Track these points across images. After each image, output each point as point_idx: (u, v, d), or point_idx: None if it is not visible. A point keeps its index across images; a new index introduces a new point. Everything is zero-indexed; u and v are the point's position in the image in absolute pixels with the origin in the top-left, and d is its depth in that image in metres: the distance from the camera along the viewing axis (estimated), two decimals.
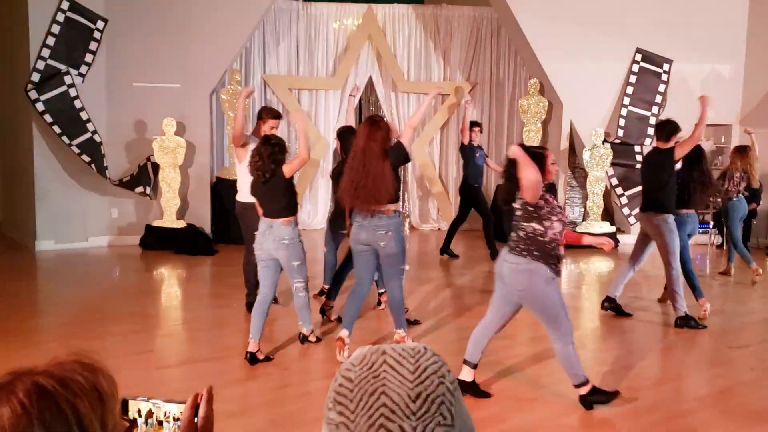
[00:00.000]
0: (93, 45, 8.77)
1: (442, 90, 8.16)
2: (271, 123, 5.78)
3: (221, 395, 1.33)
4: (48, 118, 8.39)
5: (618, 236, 9.71)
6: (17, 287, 7.12)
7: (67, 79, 8.52)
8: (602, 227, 9.76)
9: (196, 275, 8.02)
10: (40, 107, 8.36)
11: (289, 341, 5.41)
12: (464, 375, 4.34)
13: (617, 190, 9.91)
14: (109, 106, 9.00)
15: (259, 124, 5.89)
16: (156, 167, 9.09)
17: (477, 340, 4.36)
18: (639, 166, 6.52)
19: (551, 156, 4.17)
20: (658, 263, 6.25)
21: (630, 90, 9.97)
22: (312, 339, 5.37)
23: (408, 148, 4.97)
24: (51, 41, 8.46)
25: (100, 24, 8.77)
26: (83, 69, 8.75)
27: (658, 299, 6.85)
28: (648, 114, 9.96)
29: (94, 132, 8.67)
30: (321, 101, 10.70)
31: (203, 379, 4.59)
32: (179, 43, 9.10)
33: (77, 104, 8.57)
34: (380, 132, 4.80)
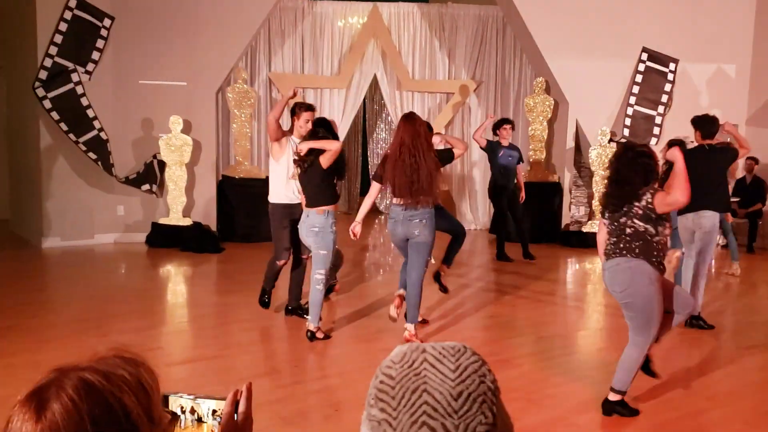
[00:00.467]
0: (100, 43, 8.78)
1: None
2: (306, 116, 5.64)
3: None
4: (55, 116, 8.41)
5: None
6: (24, 284, 7.13)
7: (74, 77, 8.53)
8: None
9: (202, 273, 8.03)
10: (47, 105, 8.38)
11: (300, 338, 5.41)
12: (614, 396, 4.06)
13: None
14: (116, 104, 9.01)
15: (294, 120, 5.76)
16: (162, 165, 9.10)
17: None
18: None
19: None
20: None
21: (636, 89, 9.96)
22: (320, 336, 5.38)
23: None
24: (59, 39, 8.48)
25: (107, 22, 8.79)
26: (90, 67, 8.77)
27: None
28: (654, 113, 9.96)
29: (101, 129, 8.69)
30: (326, 99, 10.71)
31: (211, 377, 4.60)
32: (186, 42, 9.11)
33: (84, 102, 8.59)
34: (423, 127, 4.99)
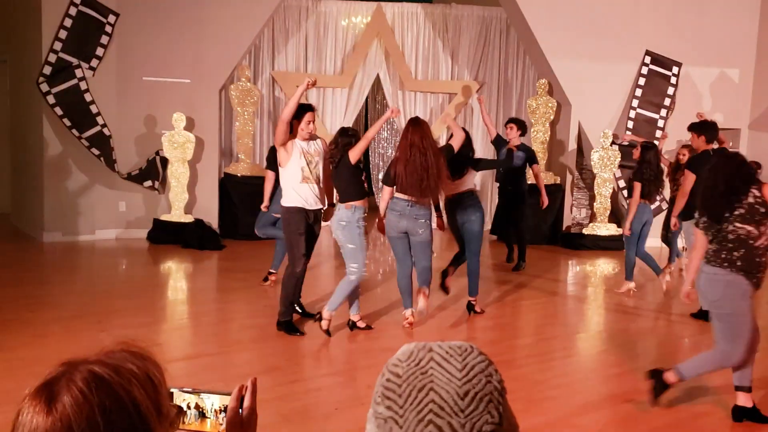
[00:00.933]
0: (104, 39, 8.79)
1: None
2: (308, 117, 5.41)
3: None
4: (58, 111, 8.42)
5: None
6: (25, 279, 7.13)
7: (78, 73, 8.54)
8: (609, 229, 9.76)
9: (203, 269, 8.04)
10: (51, 100, 8.39)
11: (300, 337, 5.41)
12: (742, 401, 4.06)
13: (624, 193, 9.91)
14: (119, 100, 9.01)
15: (294, 123, 5.41)
16: (165, 161, 9.11)
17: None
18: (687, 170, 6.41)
19: None
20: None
21: (639, 92, 9.96)
22: (324, 327, 5.37)
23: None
24: (63, 34, 8.48)
25: (112, 18, 8.79)
26: (94, 62, 8.77)
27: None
28: (656, 116, 9.96)
29: (104, 125, 8.69)
30: (329, 99, 10.71)
31: (212, 373, 4.61)
32: (190, 39, 9.12)
33: (87, 97, 8.59)
34: (429, 130, 5.32)
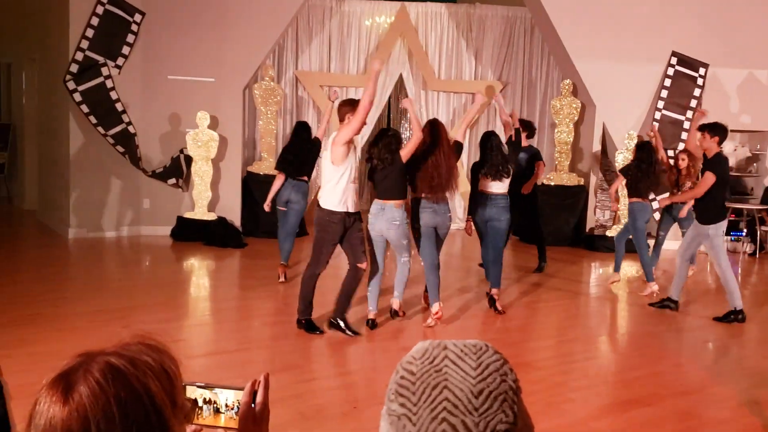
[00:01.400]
0: (130, 38, 8.89)
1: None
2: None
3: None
4: (84, 109, 8.54)
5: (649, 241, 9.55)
6: (49, 274, 7.25)
7: (104, 71, 8.65)
8: None
9: (226, 267, 8.10)
10: (77, 98, 8.51)
11: (319, 335, 5.44)
12: None
13: (651, 194, 9.78)
14: (144, 99, 9.11)
15: (350, 114, 5.23)
16: (189, 160, 9.19)
17: None
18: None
19: None
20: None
21: (664, 93, 9.84)
22: (400, 312, 5.96)
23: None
24: (90, 33, 8.60)
25: (138, 17, 8.90)
26: (120, 61, 8.88)
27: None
28: (682, 118, 9.83)
29: (129, 123, 8.80)
30: (351, 98, 10.71)
31: (231, 370, 4.64)
32: (214, 38, 9.19)
33: (113, 96, 8.70)
34: (445, 130, 5.70)
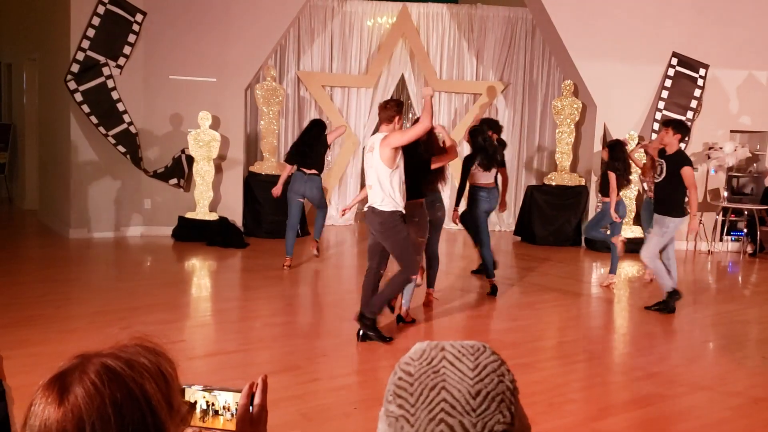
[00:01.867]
0: (132, 37, 8.89)
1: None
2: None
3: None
4: (86, 109, 8.54)
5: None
6: (50, 275, 7.25)
7: (105, 71, 8.65)
8: (633, 231, 9.66)
9: (227, 267, 8.10)
10: (78, 98, 8.51)
11: (321, 335, 5.45)
12: None
13: (650, 194, 9.80)
14: (146, 99, 9.11)
15: (399, 117, 5.23)
16: (190, 160, 9.20)
17: None
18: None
19: None
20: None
21: (665, 94, 9.85)
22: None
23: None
24: (91, 33, 8.60)
25: (139, 17, 8.90)
26: (121, 61, 8.87)
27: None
28: (683, 119, 9.83)
29: (130, 123, 8.80)
30: (353, 99, 10.73)
31: (232, 371, 4.65)
32: (216, 38, 9.19)
33: (114, 96, 8.70)
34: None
